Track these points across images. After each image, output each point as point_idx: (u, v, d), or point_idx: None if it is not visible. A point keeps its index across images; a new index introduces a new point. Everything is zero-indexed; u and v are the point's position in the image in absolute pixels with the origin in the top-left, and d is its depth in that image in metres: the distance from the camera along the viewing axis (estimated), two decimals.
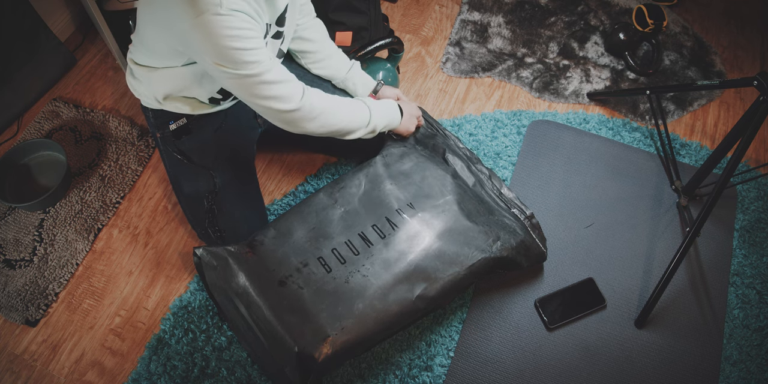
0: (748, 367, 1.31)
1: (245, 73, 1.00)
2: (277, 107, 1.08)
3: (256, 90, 1.05)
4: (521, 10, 1.91)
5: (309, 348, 1.10)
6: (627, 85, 1.76)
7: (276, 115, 1.11)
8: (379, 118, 1.25)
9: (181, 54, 1.10)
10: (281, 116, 1.11)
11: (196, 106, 1.26)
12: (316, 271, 1.17)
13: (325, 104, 1.15)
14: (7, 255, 1.44)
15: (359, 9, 1.55)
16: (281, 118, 1.12)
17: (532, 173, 1.57)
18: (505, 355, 1.31)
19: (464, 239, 1.23)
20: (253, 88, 1.04)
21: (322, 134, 1.18)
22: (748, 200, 1.54)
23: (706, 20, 1.93)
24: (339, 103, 1.18)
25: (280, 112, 1.10)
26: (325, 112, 1.15)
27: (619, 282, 1.41)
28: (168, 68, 1.16)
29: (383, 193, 1.28)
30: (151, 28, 1.07)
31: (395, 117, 1.31)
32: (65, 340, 1.34)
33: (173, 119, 1.29)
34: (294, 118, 1.12)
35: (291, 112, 1.10)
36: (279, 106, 1.08)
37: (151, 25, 1.06)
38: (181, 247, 1.46)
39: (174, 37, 1.01)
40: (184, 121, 1.29)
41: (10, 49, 1.52)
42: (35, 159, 1.57)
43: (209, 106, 1.28)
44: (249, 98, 1.07)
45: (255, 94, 1.06)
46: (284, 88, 1.07)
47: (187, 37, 0.97)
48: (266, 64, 1.02)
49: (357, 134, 1.23)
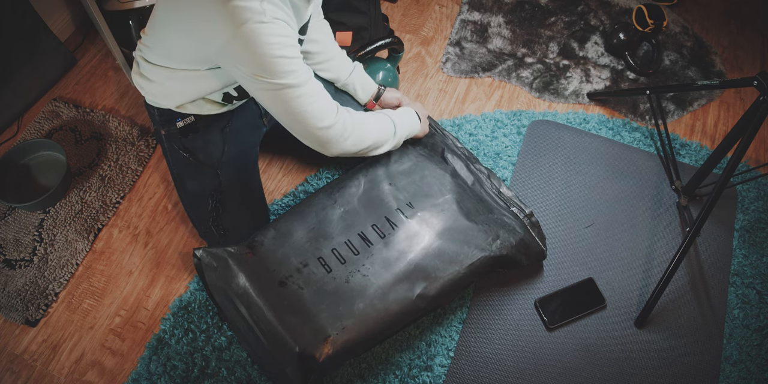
0: (748, 367, 1.31)
1: (285, 82, 0.98)
2: (313, 123, 1.05)
3: (293, 103, 1.02)
4: (521, 10, 1.91)
5: (310, 348, 1.10)
6: (627, 85, 1.76)
7: (311, 133, 1.08)
8: (402, 127, 1.25)
9: (208, 62, 1.08)
10: (317, 134, 1.08)
11: (206, 107, 1.26)
12: (316, 271, 1.17)
13: (356, 120, 1.14)
14: (7, 255, 1.44)
15: (359, 9, 1.55)
16: (317, 137, 1.09)
17: (532, 173, 1.57)
18: (505, 355, 1.31)
19: (464, 238, 1.23)
20: (291, 101, 1.01)
21: (354, 154, 1.17)
22: (748, 200, 1.54)
23: (706, 20, 1.93)
24: (367, 118, 1.17)
25: (316, 130, 1.07)
26: (356, 129, 1.13)
27: (619, 282, 1.41)
28: (188, 71, 1.13)
29: (382, 193, 1.28)
30: (179, 36, 1.03)
31: (416, 124, 1.31)
32: (65, 340, 1.34)
33: (180, 117, 1.28)
34: (329, 136, 1.09)
35: (326, 129, 1.07)
36: (315, 123, 1.05)
37: (179, 34, 1.02)
38: (182, 247, 1.46)
39: (208, 48, 0.97)
40: (191, 119, 1.28)
41: (10, 49, 1.52)
42: (35, 159, 1.57)
43: (219, 106, 1.27)
44: (284, 114, 1.04)
45: (291, 108, 1.02)
46: (320, 103, 1.05)
47: (226, 49, 0.94)
48: (304, 75, 1.01)
49: (385, 148, 1.22)
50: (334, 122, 1.08)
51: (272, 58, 0.94)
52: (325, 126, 1.07)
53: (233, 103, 1.28)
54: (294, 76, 0.98)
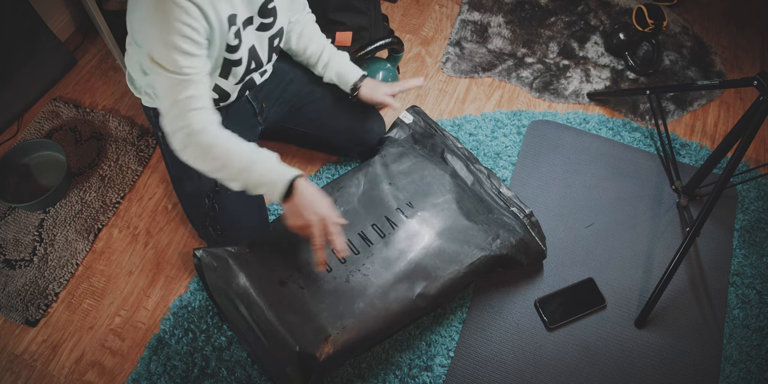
0: (748, 367, 1.31)
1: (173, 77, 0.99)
2: (163, 123, 1.04)
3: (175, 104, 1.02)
4: (521, 10, 1.91)
5: (310, 347, 1.10)
6: (627, 85, 1.76)
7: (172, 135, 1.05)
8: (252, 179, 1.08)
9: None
10: (174, 138, 1.05)
11: None
12: (317, 270, 1.17)
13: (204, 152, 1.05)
14: (7, 255, 1.44)
15: (359, 9, 1.55)
16: (172, 138, 1.06)
17: (532, 173, 1.57)
18: (505, 355, 1.31)
19: (464, 237, 1.23)
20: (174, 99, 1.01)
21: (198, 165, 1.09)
22: (748, 200, 1.54)
23: (706, 20, 1.93)
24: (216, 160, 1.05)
25: (175, 134, 1.04)
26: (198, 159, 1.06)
27: (619, 282, 1.41)
28: None
29: (382, 193, 1.28)
30: (130, 28, 1.08)
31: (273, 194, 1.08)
32: (65, 340, 1.34)
33: None
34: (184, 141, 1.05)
35: (169, 135, 1.05)
36: (164, 123, 1.04)
37: (130, 25, 1.07)
38: (181, 247, 1.46)
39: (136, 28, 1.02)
40: None
41: (10, 49, 1.52)
42: (35, 159, 1.57)
43: None
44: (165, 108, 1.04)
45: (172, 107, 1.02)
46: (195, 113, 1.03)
47: (140, 19, 0.98)
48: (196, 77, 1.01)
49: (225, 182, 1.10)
50: (176, 138, 1.04)
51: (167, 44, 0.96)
52: (168, 132, 1.05)
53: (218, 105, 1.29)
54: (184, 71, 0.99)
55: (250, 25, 1.13)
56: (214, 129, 1.06)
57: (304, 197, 1.06)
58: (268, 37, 1.20)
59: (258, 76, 1.30)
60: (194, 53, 1.00)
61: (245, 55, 1.16)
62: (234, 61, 1.15)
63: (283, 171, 1.07)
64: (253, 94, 1.37)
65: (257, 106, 1.39)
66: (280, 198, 1.07)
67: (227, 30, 1.06)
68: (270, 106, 1.41)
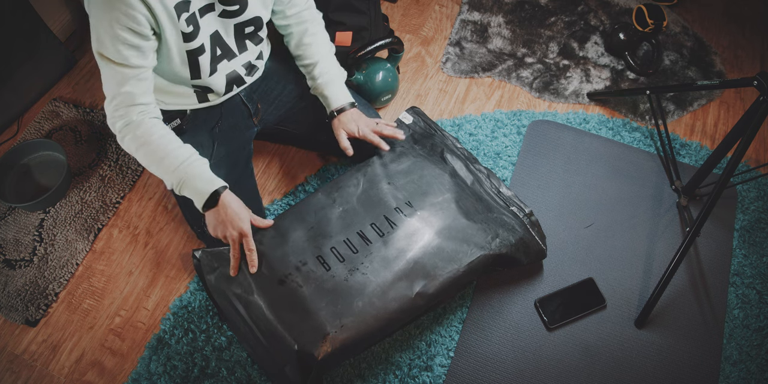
0: (748, 367, 1.31)
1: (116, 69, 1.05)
2: (108, 116, 1.12)
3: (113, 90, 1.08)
4: (521, 10, 1.91)
5: (309, 346, 1.10)
6: (627, 85, 1.76)
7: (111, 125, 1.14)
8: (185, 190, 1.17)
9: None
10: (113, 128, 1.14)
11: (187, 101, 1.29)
12: (316, 269, 1.17)
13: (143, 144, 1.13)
14: (7, 255, 1.44)
15: (359, 9, 1.55)
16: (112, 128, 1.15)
17: (532, 173, 1.57)
18: (505, 355, 1.31)
19: (463, 236, 1.23)
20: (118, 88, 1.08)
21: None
22: (748, 200, 1.54)
23: (706, 20, 1.93)
24: (155, 153, 1.13)
25: (113, 126, 1.13)
26: (138, 150, 1.14)
27: (619, 282, 1.41)
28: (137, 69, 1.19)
29: (381, 192, 1.28)
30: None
31: (198, 200, 1.17)
32: (65, 340, 1.34)
33: (168, 120, 1.29)
34: (112, 128, 1.14)
35: (108, 121, 1.13)
36: (106, 109, 1.12)
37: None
38: (181, 247, 1.46)
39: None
40: (177, 122, 1.30)
41: (9, 49, 1.52)
42: (35, 159, 1.57)
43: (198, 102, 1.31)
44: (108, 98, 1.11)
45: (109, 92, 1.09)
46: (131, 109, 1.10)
47: (90, 19, 1.01)
48: (139, 74, 1.06)
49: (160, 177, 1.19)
50: (112, 119, 1.12)
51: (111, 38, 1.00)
52: (110, 124, 1.14)
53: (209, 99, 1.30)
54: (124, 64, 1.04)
55: (211, 12, 1.12)
56: (153, 123, 1.13)
57: (225, 210, 1.14)
58: (233, 23, 1.18)
59: (243, 69, 1.29)
60: (138, 45, 1.03)
61: (207, 41, 1.15)
62: (195, 50, 1.14)
63: (211, 180, 1.15)
64: (248, 95, 1.37)
65: (252, 108, 1.39)
66: (202, 206, 1.15)
67: (176, 18, 1.05)
68: (266, 107, 1.41)
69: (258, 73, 1.34)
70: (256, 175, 1.55)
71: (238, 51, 1.24)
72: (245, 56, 1.27)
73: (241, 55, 1.26)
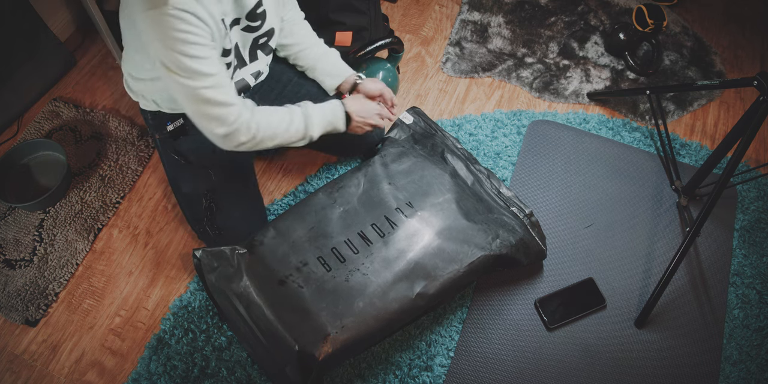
0: (748, 367, 1.31)
1: (191, 84, 0.99)
2: (212, 129, 1.07)
3: (201, 107, 1.04)
4: (521, 10, 1.91)
5: (309, 346, 1.10)
6: (627, 85, 1.76)
7: (211, 136, 1.10)
8: (316, 127, 1.20)
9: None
10: (216, 138, 1.10)
11: None
12: (316, 270, 1.17)
13: (261, 122, 1.12)
14: (7, 255, 1.44)
15: (359, 9, 1.55)
16: (215, 139, 1.11)
17: (532, 173, 1.57)
18: (505, 355, 1.31)
19: (463, 237, 1.23)
20: (198, 104, 1.03)
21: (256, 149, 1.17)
22: (748, 200, 1.54)
23: (706, 20, 1.93)
24: (274, 120, 1.14)
25: (215, 136, 1.09)
26: (259, 132, 1.12)
27: (619, 282, 1.41)
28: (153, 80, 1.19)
29: (382, 193, 1.28)
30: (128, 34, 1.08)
31: (337, 124, 1.24)
32: (65, 340, 1.34)
33: (170, 120, 1.29)
34: (229, 140, 1.10)
35: (225, 136, 1.09)
36: (214, 130, 1.07)
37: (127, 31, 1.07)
38: (181, 247, 1.46)
39: (138, 35, 1.00)
40: (180, 122, 1.30)
41: (9, 49, 1.52)
42: (35, 159, 1.57)
43: None
44: (192, 113, 1.06)
45: (198, 110, 1.05)
46: (225, 111, 1.06)
47: (141, 32, 0.97)
48: (213, 79, 1.02)
49: (295, 145, 1.22)
50: (231, 130, 1.08)
51: (177, 54, 0.96)
52: (223, 133, 1.08)
53: None
54: (200, 78, 1.00)
55: (236, 26, 1.13)
56: (246, 118, 1.09)
57: (357, 114, 1.26)
58: (252, 37, 1.19)
59: (251, 78, 1.29)
60: (206, 56, 1.00)
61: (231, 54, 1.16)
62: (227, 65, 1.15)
63: (327, 109, 1.22)
64: (249, 96, 1.37)
65: None
66: (345, 127, 1.26)
67: (224, 33, 1.06)
68: None
69: (262, 77, 1.35)
70: (257, 175, 1.55)
71: (249, 60, 1.25)
72: (255, 65, 1.28)
73: (251, 64, 1.26)
